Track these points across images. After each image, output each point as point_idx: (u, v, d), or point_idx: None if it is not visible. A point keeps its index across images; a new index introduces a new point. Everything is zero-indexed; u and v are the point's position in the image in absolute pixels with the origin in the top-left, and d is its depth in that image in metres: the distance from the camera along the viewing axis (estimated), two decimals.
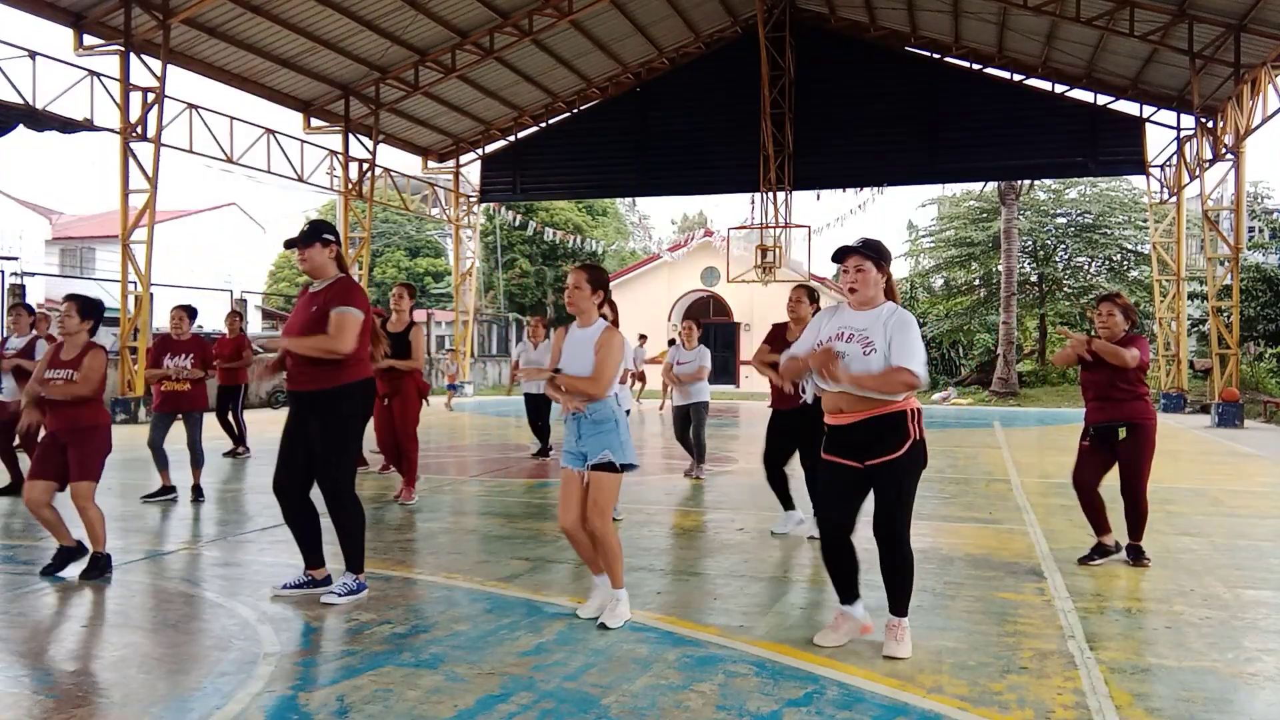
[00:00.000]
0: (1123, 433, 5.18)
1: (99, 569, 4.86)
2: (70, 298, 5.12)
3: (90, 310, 5.12)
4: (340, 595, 4.37)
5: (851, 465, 3.70)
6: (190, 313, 7.73)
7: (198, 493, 7.34)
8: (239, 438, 10.40)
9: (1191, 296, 23.16)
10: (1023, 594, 4.61)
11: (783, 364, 3.98)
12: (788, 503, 6.16)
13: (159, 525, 6.43)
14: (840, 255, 3.80)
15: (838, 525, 3.76)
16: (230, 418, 10.44)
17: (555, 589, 4.67)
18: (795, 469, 6.00)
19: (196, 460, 7.48)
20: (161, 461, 7.37)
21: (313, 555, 4.57)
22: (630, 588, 4.66)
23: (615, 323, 4.26)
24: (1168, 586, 4.77)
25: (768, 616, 4.21)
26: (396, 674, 3.43)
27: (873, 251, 3.75)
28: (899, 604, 3.71)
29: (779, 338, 5.97)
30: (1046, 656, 3.67)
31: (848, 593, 3.84)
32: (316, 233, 4.48)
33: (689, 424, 8.85)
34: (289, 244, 4.54)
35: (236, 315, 10.67)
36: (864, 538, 3.77)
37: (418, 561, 5.30)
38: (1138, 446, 5.16)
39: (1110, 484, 5.28)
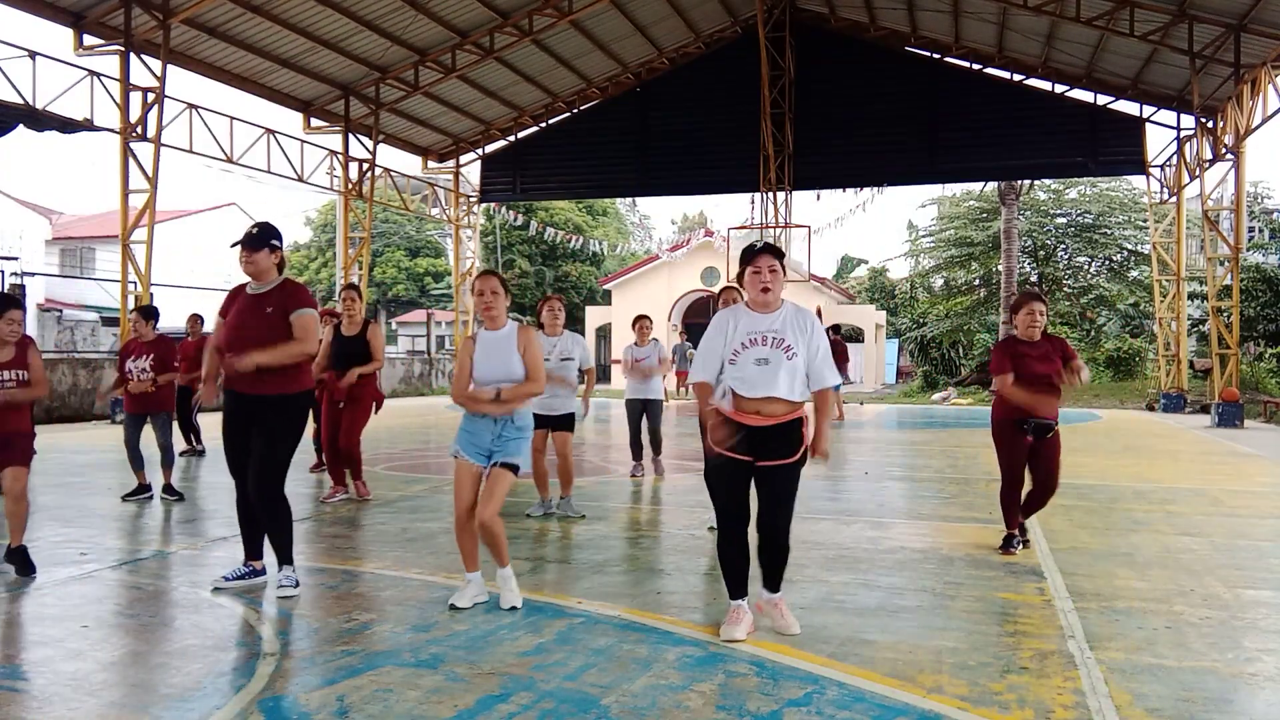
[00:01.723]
0: (1051, 432, 5.43)
1: (23, 561, 4.88)
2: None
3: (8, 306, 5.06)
4: (294, 588, 4.50)
5: (741, 459, 3.79)
6: (146, 314, 7.74)
7: (170, 491, 7.37)
8: (196, 437, 10.36)
9: (1191, 296, 23.17)
10: (1023, 594, 4.61)
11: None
12: None
13: (157, 525, 6.44)
14: (754, 254, 3.84)
15: (739, 516, 3.87)
16: (190, 418, 10.39)
17: (555, 589, 4.67)
18: None
19: (167, 461, 7.51)
20: (136, 462, 7.40)
21: (256, 547, 4.72)
22: (630, 587, 4.68)
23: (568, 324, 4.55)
24: (1168, 586, 4.77)
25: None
26: (396, 674, 3.43)
27: (781, 256, 3.90)
28: (776, 582, 3.94)
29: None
30: (1046, 656, 3.67)
31: (740, 588, 3.92)
32: (265, 238, 4.54)
33: (642, 418, 8.84)
34: (237, 244, 4.56)
35: (197, 318, 10.59)
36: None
37: (417, 561, 5.30)
38: (1059, 444, 5.49)
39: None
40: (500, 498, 4.23)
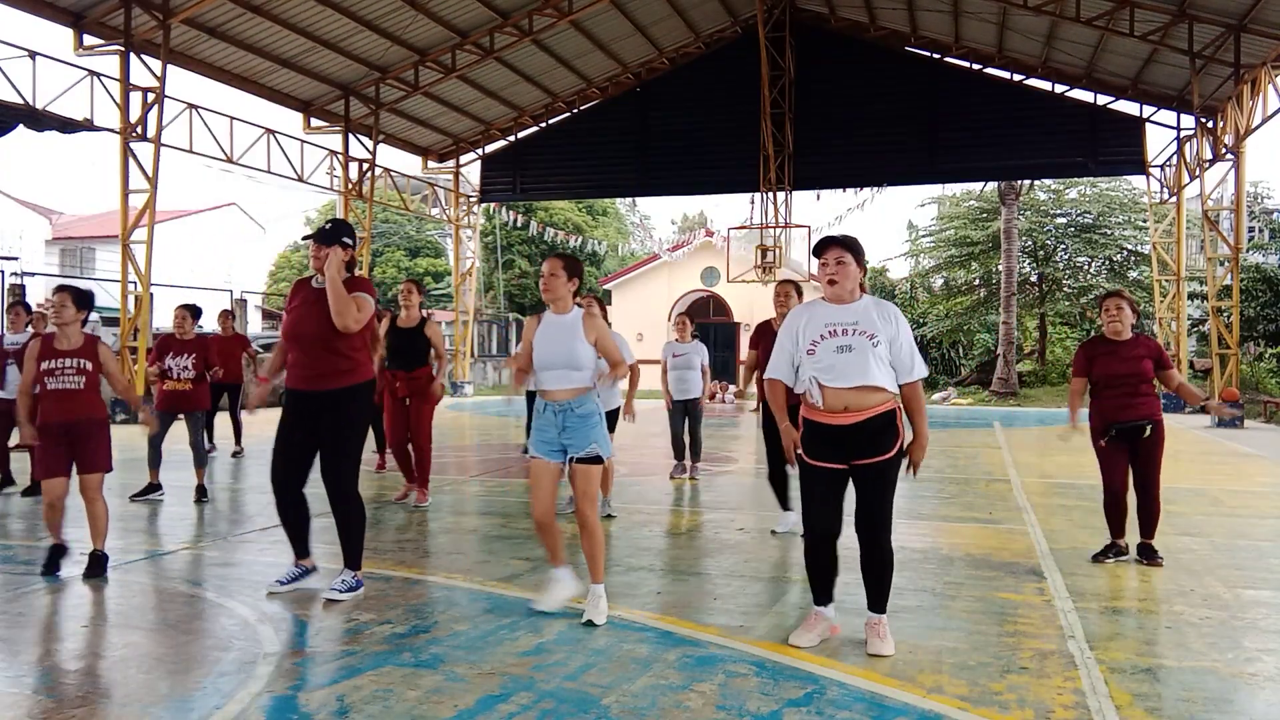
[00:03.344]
0: (1148, 430, 5.16)
1: (101, 567, 4.90)
2: (63, 289, 5.10)
3: (84, 301, 5.11)
4: (342, 592, 4.43)
5: (837, 468, 3.69)
6: (194, 312, 7.74)
7: (201, 493, 7.34)
8: (238, 438, 10.43)
9: (1191, 296, 23.16)
10: (1023, 594, 4.61)
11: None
12: (786, 503, 6.14)
13: (159, 525, 6.43)
14: (821, 247, 3.75)
15: (828, 530, 3.75)
16: (232, 416, 10.51)
17: None
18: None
19: (199, 460, 7.47)
20: (155, 460, 7.34)
21: (304, 546, 4.69)
22: (630, 587, 4.68)
23: (605, 317, 4.46)
24: (1168, 586, 4.77)
25: (768, 616, 4.21)
26: (396, 674, 3.43)
27: (851, 247, 3.73)
28: (881, 601, 3.72)
29: (768, 333, 5.95)
30: (1046, 656, 3.67)
31: (825, 595, 3.87)
32: (338, 234, 4.53)
33: (685, 420, 8.79)
34: (310, 236, 4.59)
35: (229, 314, 10.65)
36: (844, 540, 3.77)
37: (418, 561, 5.30)
38: (1158, 444, 5.21)
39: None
40: (591, 494, 4.14)
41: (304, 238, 4.64)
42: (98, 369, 5.03)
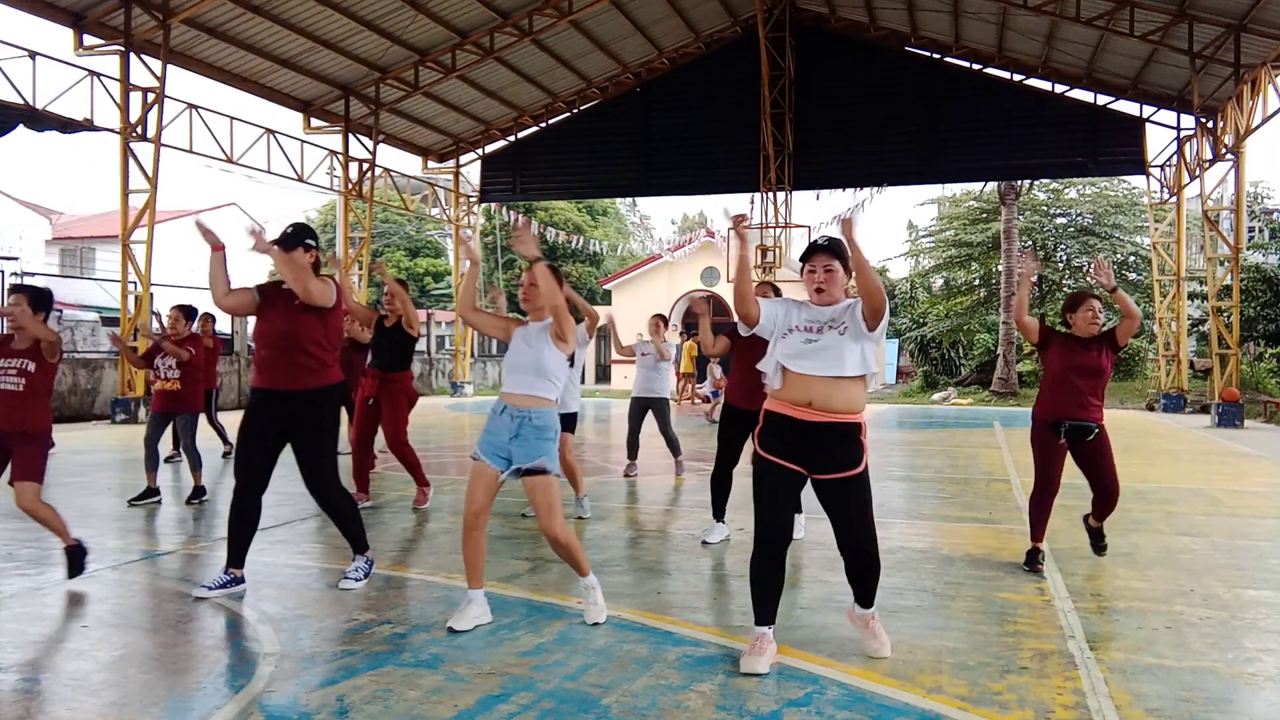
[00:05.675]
0: (1093, 435, 5.17)
1: (78, 561, 4.76)
2: (19, 289, 4.91)
3: (41, 302, 4.90)
4: (357, 579, 4.63)
5: (793, 469, 3.54)
6: (188, 313, 7.69)
7: (200, 493, 7.32)
8: (224, 438, 10.35)
9: (1191, 296, 23.16)
10: (1023, 594, 4.61)
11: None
12: (721, 512, 5.96)
13: (158, 525, 6.44)
14: (809, 254, 3.67)
15: (777, 530, 3.54)
16: (213, 418, 10.38)
17: (555, 589, 4.66)
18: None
19: (194, 463, 7.42)
20: (151, 462, 7.25)
21: (242, 554, 4.64)
22: (629, 587, 4.68)
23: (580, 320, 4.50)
24: (1168, 586, 4.77)
25: None
26: (396, 674, 3.43)
27: (839, 253, 3.63)
28: (869, 598, 3.68)
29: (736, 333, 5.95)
30: (1046, 656, 3.67)
31: (768, 614, 3.55)
32: (299, 237, 4.61)
33: (643, 418, 8.96)
34: (273, 243, 4.61)
35: (209, 317, 10.41)
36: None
37: (418, 561, 5.30)
38: (1105, 443, 5.17)
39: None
40: (554, 506, 3.94)
41: (270, 243, 4.65)
42: (41, 369, 4.81)
